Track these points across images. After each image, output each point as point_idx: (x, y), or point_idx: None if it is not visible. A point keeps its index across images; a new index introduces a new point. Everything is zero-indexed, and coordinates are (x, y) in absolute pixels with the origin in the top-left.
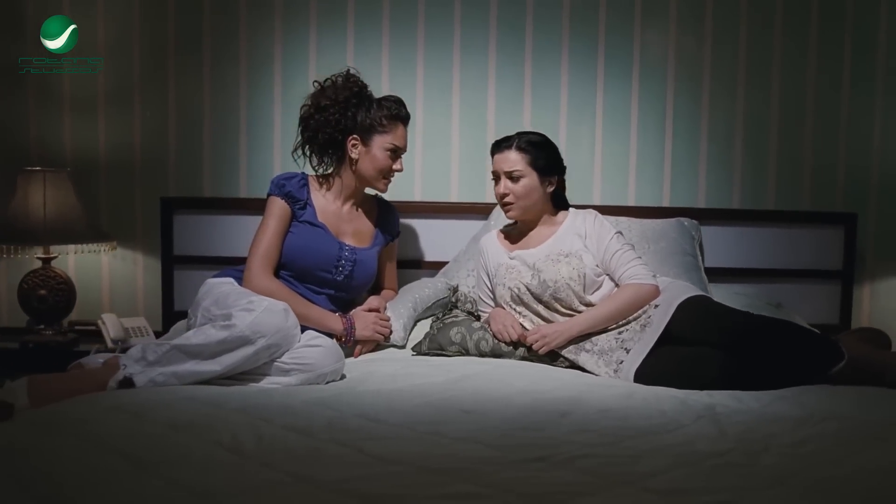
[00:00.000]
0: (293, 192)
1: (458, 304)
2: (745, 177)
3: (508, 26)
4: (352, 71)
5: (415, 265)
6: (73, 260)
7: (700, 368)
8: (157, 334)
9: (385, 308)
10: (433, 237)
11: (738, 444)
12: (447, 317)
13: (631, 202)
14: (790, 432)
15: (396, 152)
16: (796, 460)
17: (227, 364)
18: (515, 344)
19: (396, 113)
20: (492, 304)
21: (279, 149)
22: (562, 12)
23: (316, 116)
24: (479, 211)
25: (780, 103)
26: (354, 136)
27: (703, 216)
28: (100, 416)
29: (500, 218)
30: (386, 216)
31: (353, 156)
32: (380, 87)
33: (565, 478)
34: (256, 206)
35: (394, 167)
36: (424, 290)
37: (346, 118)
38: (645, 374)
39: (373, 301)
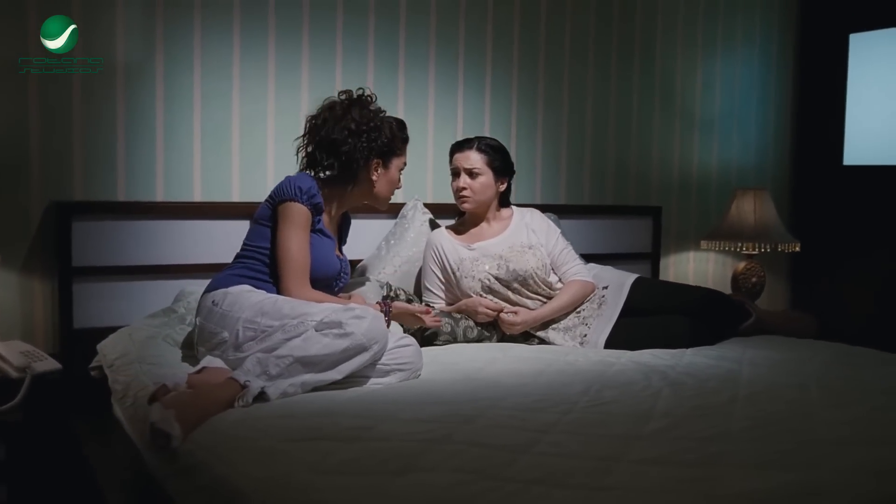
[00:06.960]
0: (321, 203)
1: (412, 300)
2: (569, 176)
3: (384, 41)
4: (367, 92)
5: None
6: None
7: (674, 331)
8: (56, 357)
9: None
10: None
11: (797, 378)
12: None
13: None
14: (805, 367)
15: (401, 170)
16: (852, 382)
17: (345, 371)
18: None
19: (407, 135)
20: (442, 295)
21: (161, 145)
22: (429, 27)
23: (350, 141)
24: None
25: (591, 117)
26: (378, 159)
27: (546, 210)
28: (352, 423)
29: (415, 217)
30: (346, 225)
31: (373, 178)
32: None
33: (769, 409)
34: (144, 210)
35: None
36: (370, 288)
37: (380, 142)
38: (616, 342)
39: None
